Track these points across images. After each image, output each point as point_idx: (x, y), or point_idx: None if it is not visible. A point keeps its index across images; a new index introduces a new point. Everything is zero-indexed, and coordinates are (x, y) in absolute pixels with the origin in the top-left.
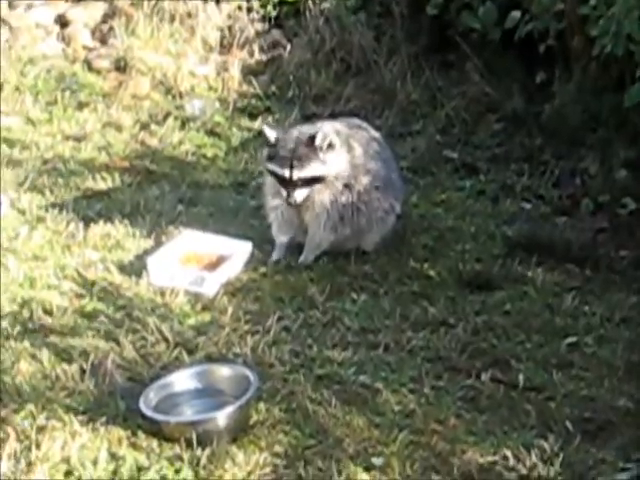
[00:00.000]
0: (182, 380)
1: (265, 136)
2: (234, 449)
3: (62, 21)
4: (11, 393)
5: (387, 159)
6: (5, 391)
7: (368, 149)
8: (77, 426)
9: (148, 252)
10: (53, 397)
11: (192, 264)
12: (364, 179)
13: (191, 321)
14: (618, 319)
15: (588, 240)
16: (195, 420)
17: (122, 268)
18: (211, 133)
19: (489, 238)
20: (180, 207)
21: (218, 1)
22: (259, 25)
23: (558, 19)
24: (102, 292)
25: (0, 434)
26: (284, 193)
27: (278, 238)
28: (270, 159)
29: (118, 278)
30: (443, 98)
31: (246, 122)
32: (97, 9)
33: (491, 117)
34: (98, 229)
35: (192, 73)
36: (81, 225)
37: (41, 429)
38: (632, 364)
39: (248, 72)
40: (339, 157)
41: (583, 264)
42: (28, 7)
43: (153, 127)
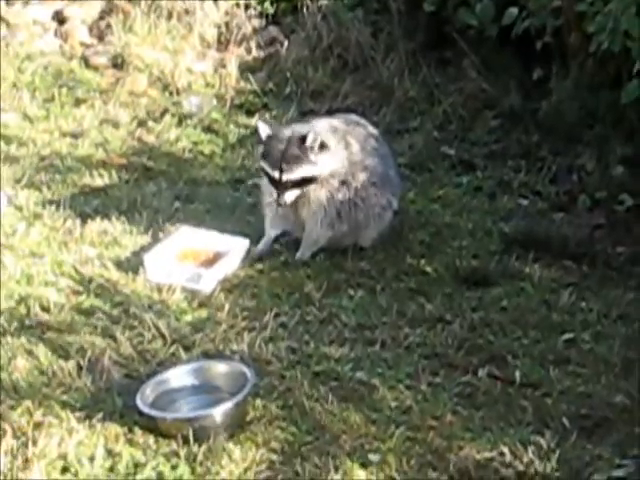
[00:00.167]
0: (179, 376)
1: (258, 133)
2: (231, 445)
3: (59, 18)
4: (8, 389)
5: (385, 155)
6: (2, 387)
7: (365, 145)
8: (74, 422)
9: (145, 249)
10: (50, 393)
11: (189, 261)
12: (361, 175)
13: (188, 318)
14: (615, 315)
15: (585, 236)
16: (192, 416)
17: (119, 264)
18: (208, 130)
19: (486, 234)
20: (177, 204)
21: None
22: (256, 22)
23: (555, 16)
24: (99, 289)
25: None
26: (274, 194)
27: (268, 231)
28: (263, 157)
29: (115, 275)
30: (440, 95)
31: (243, 119)
32: (94, 6)
33: (488, 114)
34: (95, 226)
35: (189, 70)
36: (78, 222)
37: (38, 425)
38: (629, 360)
39: (245, 69)
40: (333, 156)
41: (580, 260)
42: (25, 4)
43: (150, 124)
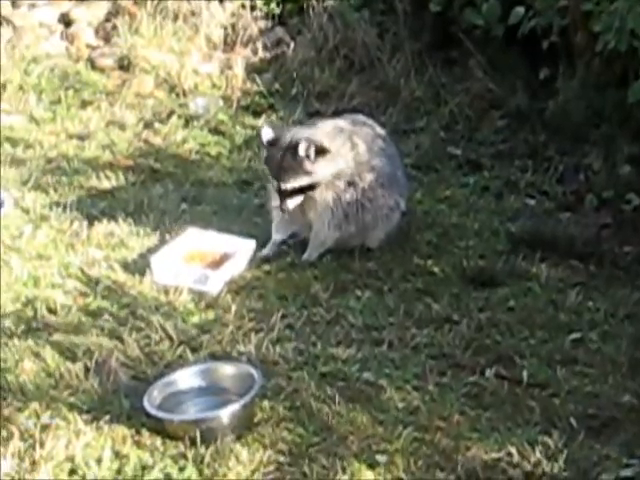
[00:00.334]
0: (186, 378)
1: (260, 137)
2: (238, 447)
3: (66, 20)
4: (15, 392)
5: (392, 156)
6: (9, 390)
7: (372, 146)
8: (81, 425)
9: (152, 250)
10: (57, 396)
11: (196, 262)
12: (368, 176)
13: (195, 319)
14: (622, 315)
15: (592, 236)
16: (199, 418)
17: (126, 266)
18: (215, 131)
19: (493, 234)
20: (184, 205)
21: None
22: (262, 23)
23: (561, 15)
24: (106, 290)
25: (4, 433)
26: (277, 200)
27: (274, 235)
28: (265, 163)
29: (122, 276)
30: (447, 95)
31: (250, 120)
32: (100, 8)
33: (495, 113)
34: (102, 228)
35: (196, 71)
36: (85, 224)
37: (45, 428)
38: (636, 360)
39: (252, 70)
40: (334, 159)
41: (587, 260)
42: (32, 6)
43: (157, 125)
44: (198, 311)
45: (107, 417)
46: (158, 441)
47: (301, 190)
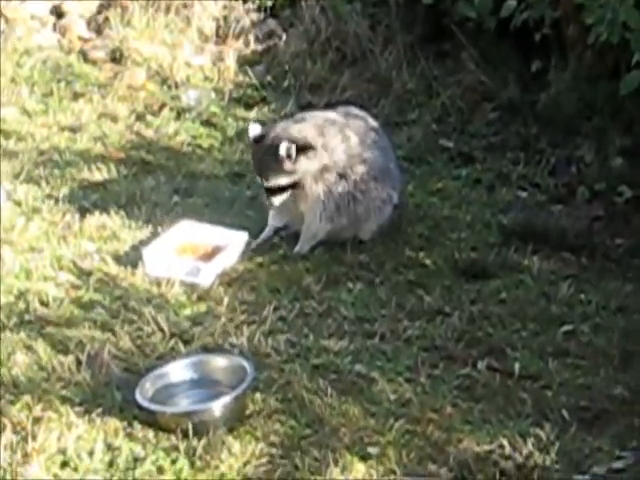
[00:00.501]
0: (178, 370)
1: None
2: (230, 439)
3: (57, 12)
4: (7, 384)
5: (385, 148)
6: (1, 382)
7: (365, 138)
8: (73, 417)
9: (144, 243)
10: (49, 388)
11: (188, 254)
12: (360, 168)
13: (187, 311)
14: (614, 307)
15: (584, 228)
16: (191, 410)
17: (118, 259)
18: (207, 123)
19: (485, 227)
20: (176, 198)
21: None
22: (255, 15)
23: (553, 7)
24: (98, 283)
25: None
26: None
27: (271, 221)
28: (252, 158)
29: (114, 269)
30: (439, 87)
31: (242, 112)
32: (92, 0)
33: (487, 106)
34: (94, 220)
35: (188, 63)
36: (77, 216)
37: (37, 420)
38: (628, 353)
39: (244, 62)
40: (319, 154)
41: (579, 252)
42: None
43: (149, 118)
44: (190, 303)
45: (99, 410)
46: (150, 433)
47: (284, 189)
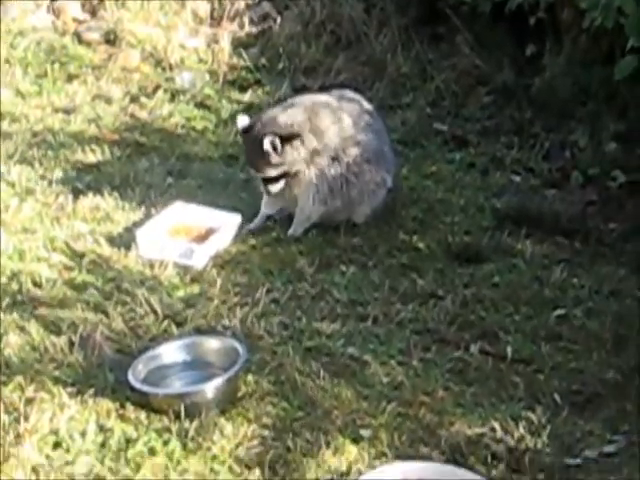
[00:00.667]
0: (171, 352)
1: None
2: (222, 421)
3: None
4: None
5: (379, 131)
6: None
7: (359, 121)
8: (66, 398)
9: (137, 224)
10: (42, 369)
11: (181, 236)
12: (353, 150)
13: (180, 293)
14: (607, 292)
15: (577, 213)
16: (183, 392)
17: (111, 240)
18: (201, 105)
19: (478, 210)
20: (169, 179)
21: None
22: None
23: None
24: (91, 264)
25: None
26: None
27: (263, 209)
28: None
29: (107, 250)
30: (433, 71)
31: (236, 94)
32: None
33: (481, 90)
34: (87, 201)
35: (182, 45)
36: (70, 197)
37: (29, 401)
38: (620, 337)
39: (238, 44)
40: (307, 141)
41: (572, 236)
42: None
43: (143, 99)
44: (183, 285)
45: (91, 391)
46: (142, 415)
47: (277, 178)
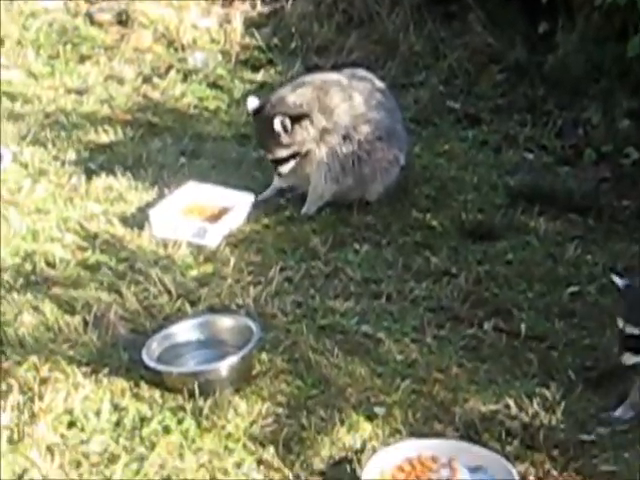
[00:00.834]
0: (184, 331)
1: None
2: (237, 399)
3: None
4: (14, 345)
5: (391, 110)
6: (8, 343)
7: (370, 99)
8: (80, 377)
9: (150, 204)
10: (56, 349)
11: (194, 216)
12: (365, 128)
13: (193, 272)
14: (620, 268)
15: (591, 190)
16: (197, 371)
17: (124, 220)
18: (213, 85)
19: (491, 188)
20: (182, 159)
21: None
22: None
23: None
24: (104, 244)
25: (3, 386)
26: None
27: (275, 182)
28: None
29: (120, 230)
30: (446, 49)
31: (248, 74)
32: None
33: (494, 68)
34: (100, 182)
35: (194, 26)
36: (83, 178)
37: (44, 381)
38: None
39: (250, 24)
40: (316, 120)
41: (585, 214)
42: None
43: (155, 80)
44: (197, 264)
45: (106, 370)
46: (157, 393)
47: (287, 159)
